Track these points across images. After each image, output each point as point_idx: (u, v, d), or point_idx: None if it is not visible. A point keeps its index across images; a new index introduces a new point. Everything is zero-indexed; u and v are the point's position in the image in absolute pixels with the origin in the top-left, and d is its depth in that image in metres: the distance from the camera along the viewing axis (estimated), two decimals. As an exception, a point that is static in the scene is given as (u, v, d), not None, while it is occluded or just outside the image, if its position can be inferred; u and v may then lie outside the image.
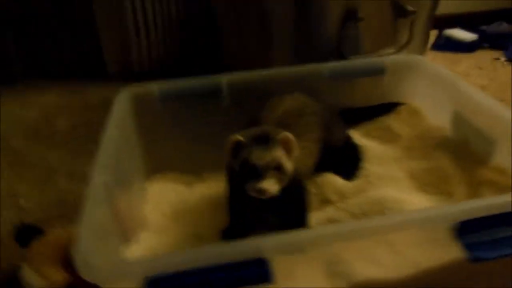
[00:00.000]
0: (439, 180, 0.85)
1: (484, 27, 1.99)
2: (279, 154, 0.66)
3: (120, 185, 0.75)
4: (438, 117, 1.00)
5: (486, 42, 1.92)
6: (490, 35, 1.93)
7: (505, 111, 0.80)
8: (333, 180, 0.87)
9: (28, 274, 0.79)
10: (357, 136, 1.02)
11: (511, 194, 0.58)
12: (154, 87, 0.97)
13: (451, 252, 0.62)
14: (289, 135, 0.67)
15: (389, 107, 1.09)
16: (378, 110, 1.09)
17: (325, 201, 0.85)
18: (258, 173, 0.64)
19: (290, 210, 0.75)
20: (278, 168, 0.65)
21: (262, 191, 0.63)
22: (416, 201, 0.78)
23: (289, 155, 0.67)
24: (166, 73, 1.44)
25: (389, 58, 1.08)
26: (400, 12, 1.13)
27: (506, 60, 1.79)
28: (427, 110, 1.05)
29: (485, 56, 1.85)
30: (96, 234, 0.58)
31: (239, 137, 0.67)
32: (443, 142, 0.93)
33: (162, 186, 0.98)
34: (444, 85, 0.96)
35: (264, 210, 0.77)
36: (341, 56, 1.14)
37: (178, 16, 1.67)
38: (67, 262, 0.79)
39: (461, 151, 0.89)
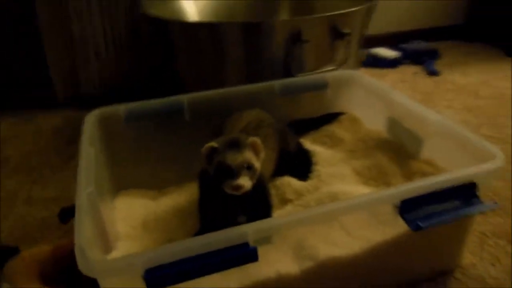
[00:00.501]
0: (379, 175, 0.98)
1: (404, 46, 2.22)
2: (249, 155, 0.75)
3: (100, 198, 0.82)
4: (374, 123, 1.15)
5: (407, 58, 2.14)
6: (410, 52, 2.16)
7: (430, 114, 0.96)
8: (290, 182, 0.98)
9: (9, 292, 0.82)
10: (306, 143, 1.15)
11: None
12: (120, 108, 1.04)
13: (395, 227, 0.75)
14: (256, 139, 0.76)
15: (332, 117, 1.23)
16: (322, 120, 1.22)
17: (284, 200, 0.95)
18: (233, 173, 0.72)
19: (258, 208, 0.84)
20: (249, 167, 0.74)
21: (238, 187, 0.71)
22: (363, 192, 0.90)
23: (257, 156, 0.76)
24: (118, 96, 1.50)
25: (331, 74, 1.21)
26: (337, 34, 1.28)
27: (426, 74, 2.02)
28: (364, 118, 1.19)
29: (407, 71, 2.06)
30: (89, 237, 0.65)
31: (214, 144, 0.76)
32: (381, 143, 1.07)
33: (128, 201, 1.03)
34: (378, 95, 1.11)
35: (234, 210, 0.86)
36: (289, 74, 1.27)
37: (128, 38, 1.73)
38: (45, 277, 0.84)
39: (396, 150, 1.04)
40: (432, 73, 2.00)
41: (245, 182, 0.72)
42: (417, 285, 0.85)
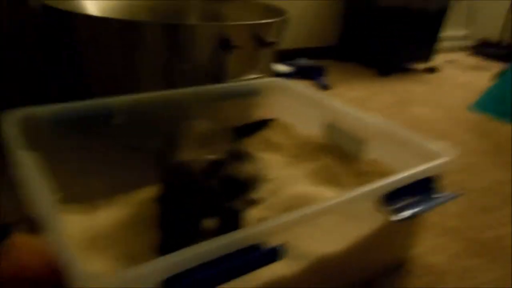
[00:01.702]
0: (330, 176, 1.01)
1: (292, 62, 2.35)
2: (257, 167, 0.74)
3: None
4: (307, 129, 1.18)
5: (297, 74, 2.26)
6: (301, 68, 2.29)
7: (368, 117, 1.02)
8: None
9: None
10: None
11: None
12: (45, 111, 0.91)
13: (368, 222, 0.78)
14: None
15: (263, 123, 1.23)
16: (254, 126, 1.22)
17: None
18: (246, 187, 0.71)
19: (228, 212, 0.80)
20: (258, 181, 0.73)
21: (254, 202, 0.72)
22: (325, 193, 0.92)
23: None
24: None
25: (262, 81, 1.22)
26: (261, 43, 1.29)
27: (318, 88, 2.16)
28: (297, 124, 1.22)
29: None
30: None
31: (217, 156, 0.72)
32: (320, 147, 1.11)
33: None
34: (313, 101, 1.14)
35: (200, 215, 0.80)
36: (215, 80, 1.24)
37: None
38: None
39: (337, 152, 1.07)
40: (324, 87, 2.15)
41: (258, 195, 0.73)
42: (373, 282, 0.89)
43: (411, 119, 1.86)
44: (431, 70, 2.71)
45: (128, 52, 1.21)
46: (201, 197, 0.73)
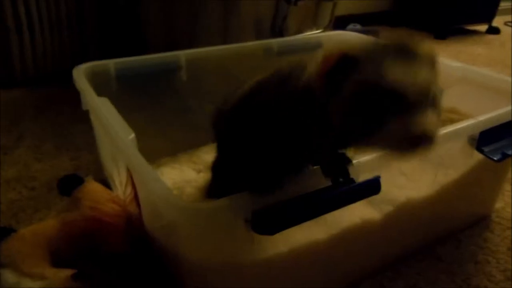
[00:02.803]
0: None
1: (345, 28, 2.27)
2: (433, 76, 0.40)
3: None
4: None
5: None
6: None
7: (450, 62, 0.95)
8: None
9: (12, 279, 0.64)
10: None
11: None
12: (110, 64, 0.89)
13: (456, 168, 0.72)
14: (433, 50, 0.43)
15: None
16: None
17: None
18: (408, 105, 0.38)
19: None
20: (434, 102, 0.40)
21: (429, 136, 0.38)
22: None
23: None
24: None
25: (325, 35, 1.17)
26: (324, -5, 1.23)
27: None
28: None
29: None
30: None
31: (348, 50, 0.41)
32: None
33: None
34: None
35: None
36: (276, 35, 1.19)
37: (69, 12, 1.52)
38: (56, 257, 0.67)
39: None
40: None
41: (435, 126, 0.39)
42: (459, 233, 0.83)
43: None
44: (495, 30, 2.54)
45: (191, 6, 1.18)
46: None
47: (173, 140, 1.01)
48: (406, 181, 0.71)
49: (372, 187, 0.52)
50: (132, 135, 0.60)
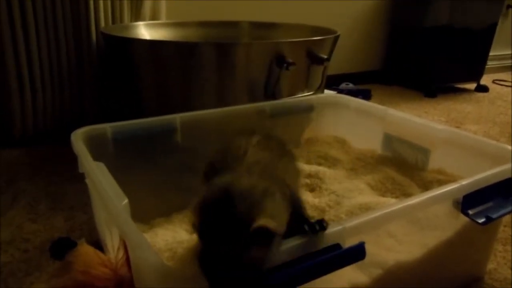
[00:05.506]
0: (395, 186, 0.96)
1: (339, 87, 2.34)
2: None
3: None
4: (363, 143, 1.16)
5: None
6: (347, 92, 2.24)
7: (435, 125, 0.98)
8: (307, 199, 0.92)
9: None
10: (301, 165, 1.10)
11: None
12: (107, 128, 0.92)
13: (444, 230, 0.73)
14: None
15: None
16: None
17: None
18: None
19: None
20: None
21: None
22: (391, 202, 0.88)
23: None
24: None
25: (315, 97, 1.21)
26: (315, 59, 1.29)
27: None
28: (352, 138, 1.20)
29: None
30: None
31: None
32: (381, 160, 1.07)
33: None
34: (373, 114, 1.11)
35: None
36: (272, 97, 1.24)
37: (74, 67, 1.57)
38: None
39: (399, 164, 1.04)
40: (372, 109, 2.11)
41: None
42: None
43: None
44: (484, 89, 2.63)
45: (185, 72, 1.24)
46: None
47: (168, 200, 1.01)
48: (394, 242, 0.72)
49: (357, 253, 0.53)
50: (126, 201, 0.62)
